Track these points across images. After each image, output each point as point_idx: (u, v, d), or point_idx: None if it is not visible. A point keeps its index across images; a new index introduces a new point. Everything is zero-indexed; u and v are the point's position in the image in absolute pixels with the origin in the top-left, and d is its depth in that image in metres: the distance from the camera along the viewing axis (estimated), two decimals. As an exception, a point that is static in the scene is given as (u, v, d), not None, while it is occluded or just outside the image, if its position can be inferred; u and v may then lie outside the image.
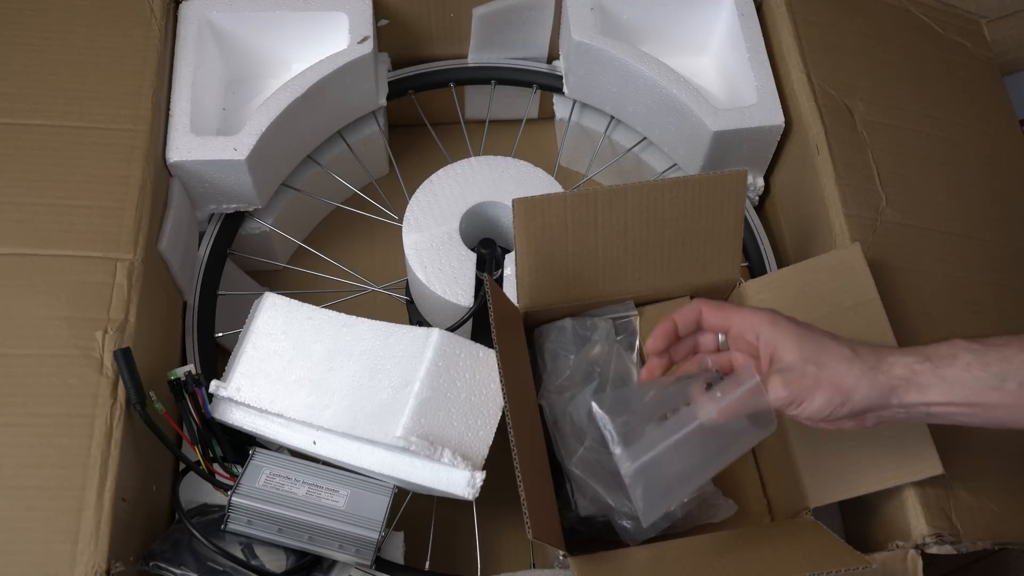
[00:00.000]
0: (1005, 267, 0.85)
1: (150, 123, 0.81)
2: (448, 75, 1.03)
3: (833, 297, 0.77)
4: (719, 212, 0.77)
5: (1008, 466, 0.74)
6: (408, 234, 0.86)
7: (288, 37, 0.96)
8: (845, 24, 0.96)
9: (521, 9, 0.99)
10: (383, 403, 0.73)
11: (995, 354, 0.59)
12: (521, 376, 0.74)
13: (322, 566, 0.73)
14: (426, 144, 1.06)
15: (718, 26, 1.01)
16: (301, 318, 0.79)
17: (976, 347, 0.59)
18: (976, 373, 0.59)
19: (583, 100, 1.02)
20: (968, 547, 0.70)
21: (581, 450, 0.72)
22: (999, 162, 0.92)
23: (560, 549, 0.66)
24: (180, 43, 0.89)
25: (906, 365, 0.60)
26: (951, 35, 0.99)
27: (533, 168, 0.90)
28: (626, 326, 0.80)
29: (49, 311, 0.71)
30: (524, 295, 0.77)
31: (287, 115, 0.87)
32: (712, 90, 1.01)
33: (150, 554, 0.69)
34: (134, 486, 0.70)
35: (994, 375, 0.58)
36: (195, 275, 0.89)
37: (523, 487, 0.62)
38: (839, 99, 0.90)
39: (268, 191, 0.92)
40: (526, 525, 0.61)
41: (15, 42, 0.83)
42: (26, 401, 0.68)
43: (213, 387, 0.75)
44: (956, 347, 0.60)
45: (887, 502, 0.73)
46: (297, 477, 0.72)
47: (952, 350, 0.60)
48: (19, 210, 0.76)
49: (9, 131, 0.79)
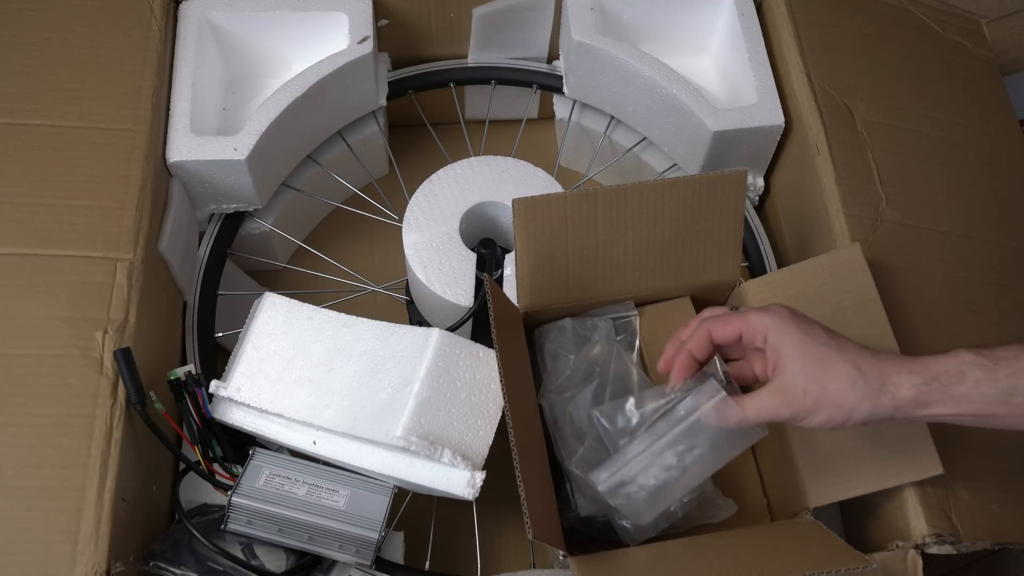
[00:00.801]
0: (1005, 267, 0.85)
1: (150, 123, 0.81)
2: (448, 75, 1.03)
3: (833, 297, 0.77)
4: (719, 212, 0.77)
5: (1008, 466, 0.74)
6: (408, 234, 0.86)
7: (288, 37, 0.95)
8: (845, 24, 0.96)
9: (521, 9, 0.99)
10: (383, 403, 0.73)
11: (1004, 369, 0.58)
12: (521, 376, 0.74)
13: (322, 566, 0.73)
14: (426, 144, 1.06)
15: (718, 26, 1.01)
16: (301, 318, 0.79)
17: (984, 362, 0.59)
18: (984, 390, 0.58)
19: (583, 100, 1.02)
20: (968, 547, 0.70)
21: (581, 450, 0.72)
22: (999, 162, 0.92)
23: (560, 549, 0.66)
24: (180, 43, 0.90)
25: (912, 386, 0.59)
26: (951, 35, 0.99)
27: (533, 168, 0.90)
28: (626, 326, 0.80)
29: (49, 311, 0.71)
30: (524, 295, 0.77)
31: (287, 115, 0.87)
32: (712, 90, 1.01)
33: (150, 554, 0.69)
34: (134, 486, 0.70)
35: (1002, 391, 0.58)
36: (195, 275, 0.89)
37: (523, 487, 0.62)
38: (839, 99, 0.90)
39: (268, 191, 0.92)
40: (526, 525, 0.61)
41: (15, 42, 0.83)
42: (26, 401, 0.68)
43: (213, 387, 0.75)
44: (963, 362, 0.59)
45: (887, 502, 0.73)
46: (297, 477, 0.72)
47: (960, 366, 0.59)
48: (19, 210, 0.76)
49: (9, 131, 0.79)
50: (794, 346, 0.62)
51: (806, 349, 0.61)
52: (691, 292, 0.82)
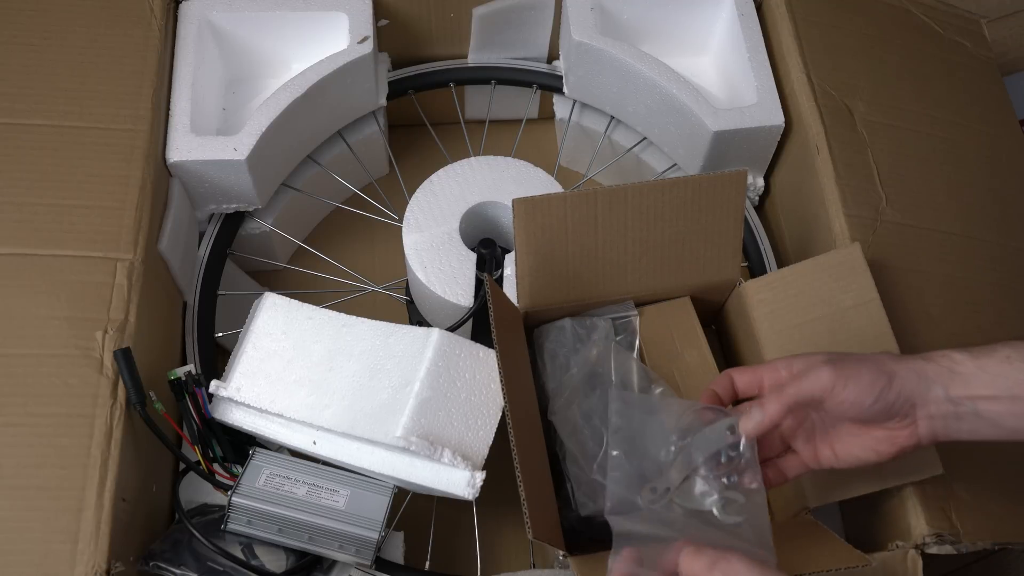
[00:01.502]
0: (1005, 267, 0.85)
1: (150, 123, 0.81)
2: (448, 75, 1.03)
3: (833, 297, 0.77)
4: (719, 212, 0.77)
5: (1008, 466, 0.74)
6: (408, 234, 0.86)
7: (288, 37, 0.95)
8: (845, 24, 0.96)
9: (521, 9, 0.99)
10: (383, 403, 0.73)
11: None
12: (521, 376, 0.74)
13: (322, 566, 0.73)
14: (426, 144, 1.06)
15: (718, 26, 1.01)
16: (301, 318, 0.79)
17: (1012, 342, 0.59)
18: (1017, 365, 0.58)
19: (583, 100, 1.02)
20: (968, 547, 0.70)
21: (600, 454, 0.72)
22: (999, 162, 0.92)
23: (560, 549, 0.66)
24: (180, 43, 0.89)
25: (944, 354, 0.60)
26: (951, 35, 0.99)
27: (533, 168, 0.90)
28: (626, 326, 0.80)
29: (49, 311, 0.71)
30: (524, 295, 0.77)
31: (287, 115, 0.87)
32: (712, 90, 1.01)
33: (150, 554, 0.69)
34: (134, 486, 0.70)
35: None
36: (195, 275, 0.89)
37: (523, 487, 0.62)
38: (839, 99, 0.90)
39: (268, 191, 0.92)
40: (526, 525, 0.61)
41: (15, 42, 0.83)
42: (26, 401, 0.68)
43: (213, 387, 0.75)
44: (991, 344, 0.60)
45: (887, 502, 0.73)
46: (297, 477, 0.72)
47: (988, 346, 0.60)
48: (19, 210, 0.76)
49: (9, 131, 0.79)
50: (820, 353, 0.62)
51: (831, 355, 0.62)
52: (691, 292, 0.82)
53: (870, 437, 0.62)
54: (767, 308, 0.79)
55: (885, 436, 0.62)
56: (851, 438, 0.63)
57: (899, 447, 0.62)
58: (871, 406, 0.60)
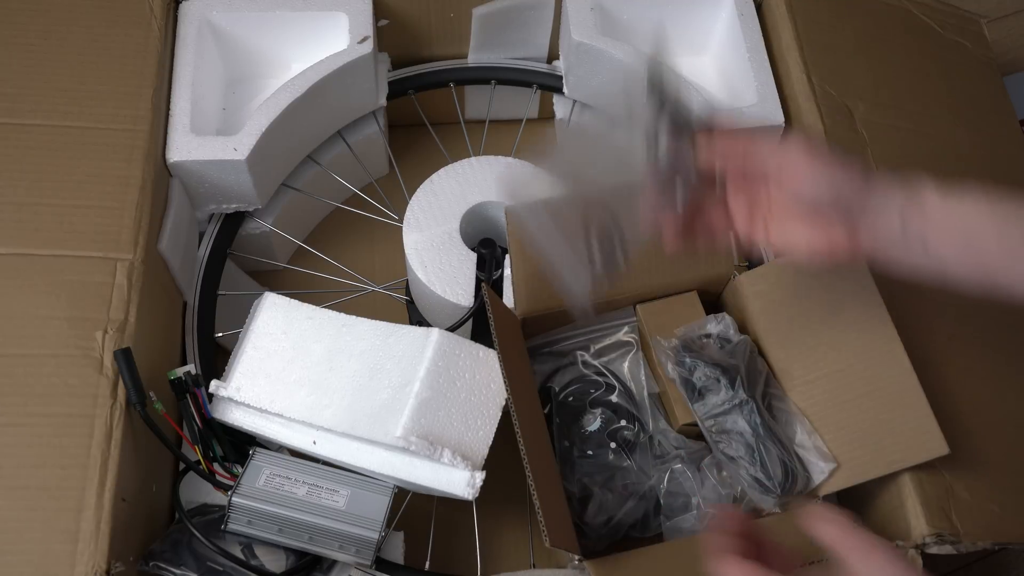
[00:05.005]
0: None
1: (150, 123, 0.81)
2: (448, 75, 1.03)
3: (832, 294, 0.77)
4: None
5: (1008, 466, 0.74)
6: (408, 234, 0.86)
7: (288, 37, 0.95)
8: (845, 24, 0.96)
9: (521, 9, 0.99)
10: (383, 403, 0.73)
11: None
12: (524, 383, 0.74)
13: (322, 566, 0.73)
14: (426, 144, 1.06)
15: (718, 26, 1.01)
16: (301, 318, 0.79)
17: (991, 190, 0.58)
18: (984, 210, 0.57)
19: (583, 100, 1.02)
20: (968, 547, 0.70)
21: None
22: (999, 162, 0.92)
23: (576, 554, 0.66)
24: (180, 43, 0.89)
25: (918, 180, 0.58)
26: (951, 35, 0.99)
27: (533, 168, 0.90)
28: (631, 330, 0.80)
29: (49, 311, 0.71)
30: (521, 301, 0.77)
31: (287, 115, 0.87)
32: (712, 90, 1.01)
33: (150, 554, 0.69)
34: (134, 486, 0.70)
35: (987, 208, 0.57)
36: (195, 275, 0.89)
37: (536, 494, 0.62)
38: (839, 99, 0.90)
39: (268, 191, 0.92)
40: (542, 533, 0.61)
41: (15, 42, 0.83)
42: (26, 401, 0.68)
43: (213, 387, 0.75)
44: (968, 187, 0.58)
45: (887, 502, 0.74)
46: (297, 477, 0.72)
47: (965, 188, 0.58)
48: (19, 210, 0.76)
49: (9, 131, 0.79)
50: None
51: None
52: (687, 288, 0.82)
53: (807, 225, 0.61)
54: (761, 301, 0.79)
55: (822, 232, 0.60)
56: (789, 221, 0.62)
57: (832, 247, 0.60)
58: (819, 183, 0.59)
